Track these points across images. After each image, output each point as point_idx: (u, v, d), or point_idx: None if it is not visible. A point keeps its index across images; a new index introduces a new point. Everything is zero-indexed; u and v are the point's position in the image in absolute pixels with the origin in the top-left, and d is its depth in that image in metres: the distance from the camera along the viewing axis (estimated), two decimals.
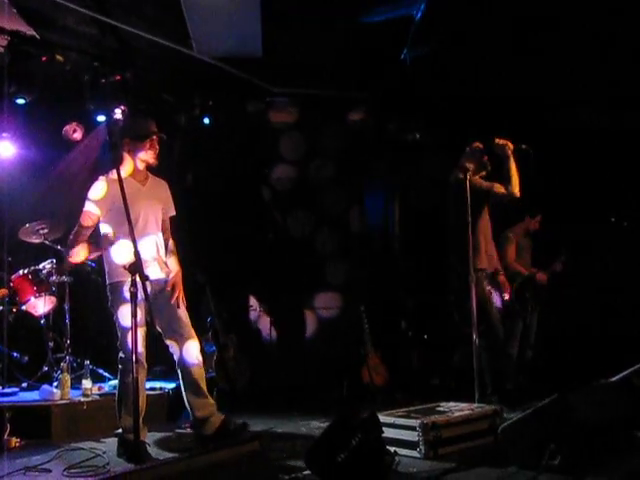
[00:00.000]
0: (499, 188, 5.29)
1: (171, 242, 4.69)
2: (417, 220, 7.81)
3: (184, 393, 4.51)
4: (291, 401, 6.37)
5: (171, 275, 4.56)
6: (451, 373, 6.91)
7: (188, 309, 4.62)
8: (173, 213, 4.75)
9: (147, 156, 4.56)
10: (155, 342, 6.55)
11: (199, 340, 6.64)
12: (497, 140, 5.38)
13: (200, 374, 4.49)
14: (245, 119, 7.74)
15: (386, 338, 7.40)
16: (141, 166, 4.59)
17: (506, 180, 5.29)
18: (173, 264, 4.63)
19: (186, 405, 4.55)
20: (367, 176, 8.30)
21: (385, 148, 8.09)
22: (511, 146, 5.34)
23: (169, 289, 4.49)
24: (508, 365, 6.21)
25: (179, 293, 4.50)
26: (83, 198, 4.53)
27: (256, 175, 8.05)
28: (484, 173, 5.53)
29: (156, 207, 4.59)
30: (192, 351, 4.47)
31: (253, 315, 7.84)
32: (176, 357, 4.50)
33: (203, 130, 7.66)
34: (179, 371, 4.51)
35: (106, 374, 6.20)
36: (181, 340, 4.47)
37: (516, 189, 5.26)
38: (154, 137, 4.57)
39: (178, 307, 4.52)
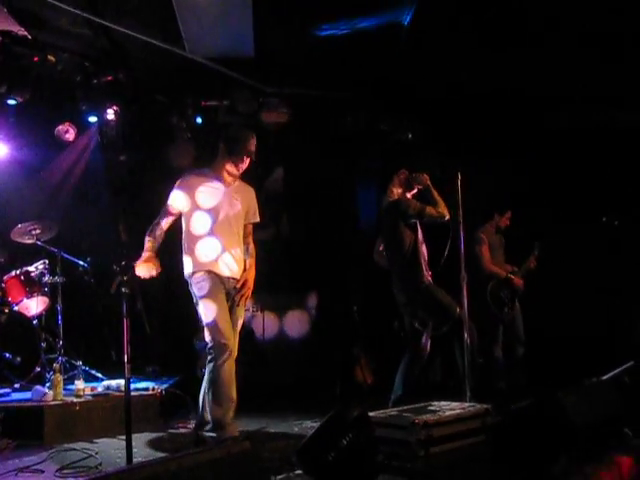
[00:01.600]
0: (430, 210, 5.41)
1: (251, 246, 4.75)
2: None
3: (208, 393, 4.43)
4: (284, 401, 6.37)
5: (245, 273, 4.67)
6: (441, 372, 6.90)
7: (178, 306, 4.69)
8: (257, 220, 4.80)
9: (232, 168, 4.60)
10: (146, 342, 6.60)
11: (194, 338, 6.71)
12: (414, 174, 5.61)
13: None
14: (238, 119, 7.71)
15: (378, 337, 7.40)
16: (229, 169, 4.63)
17: (434, 205, 5.42)
18: (250, 266, 4.71)
19: (205, 405, 4.45)
20: (360, 175, 8.31)
21: (378, 147, 8.08)
22: (427, 177, 5.57)
23: (239, 285, 4.59)
24: (496, 365, 6.25)
25: (247, 292, 4.60)
26: (75, 199, 4.52)
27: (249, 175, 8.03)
28: (415, 191, 5.63)
29: (239, 210, 4.64)
30: (234, 354, 4.49)
31: (246, 315, 7.77)
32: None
33: (195, 130, 7.67)
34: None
35: (99, 375, 6.18)
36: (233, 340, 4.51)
37: (445, 211, 5.38)
38: (247, 155, 4.59)
39: (244, 308, 4.68)
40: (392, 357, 7.42)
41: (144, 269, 4.25)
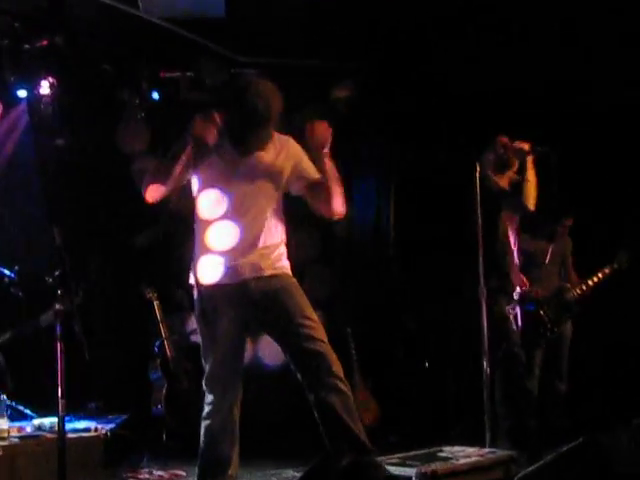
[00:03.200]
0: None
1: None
2: (417, 220, 7.80)
3: None
4: (262, 443, 6.33)
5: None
6: (456, 410, 6.90)
7: (129, 329, 4.58)
8: (315, 176, 4.27)
9: None
10: (88, 372, 6.54)
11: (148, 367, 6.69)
12: (513, 144, 5.46)
13: None
14: (204, 95, 7.69)
15: (378, 366, 7.39)
16: None
17: (520, 191, 5.38)
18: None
19: None
20: (354, 165, 8.29)
21: (377, 131, 8.08)
22: (527, 148, 5.47)
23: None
24: (527, 402, 6.22)
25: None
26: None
27: None
28: (511, 174, 5.59)
29: (265, 185, 4.13)
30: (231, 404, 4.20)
31: None
32: None
33: (151, 108, 7.65)
34: None
35: (28, 411, 6.12)
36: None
37: (531, 203, 5.35)
38: None
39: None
40: (395, 390, 7.47)
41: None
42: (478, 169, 5.19)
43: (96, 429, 5.64)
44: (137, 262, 7.52)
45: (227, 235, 3.98)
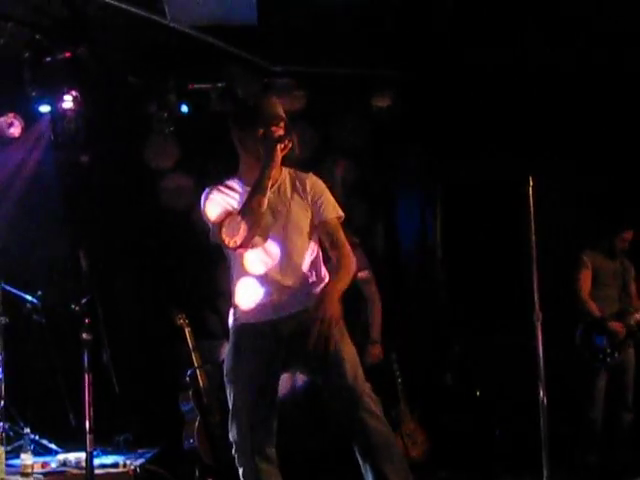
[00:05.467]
0: None
1: (343, 250, 4.15)
2: (466, 237, 7.77)
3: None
4: (299, 478, 6.32)
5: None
6: (511, 442, 6.84)
7: (158, 357, 4.55)
8: (339, 214, 4.21)
9: (258, 159, 4.04)
10: (116, 404, 6.59)
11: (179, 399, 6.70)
12: None
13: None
14: (236, 106, 7.71)
15: (425, 395, 7.34)
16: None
17: None
18: (336, 282, 4.11)
19: None
20: (397, 179, 8.29)
21: (422, 141, 8.06)
22: None
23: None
24: (590, 432, 6.17)
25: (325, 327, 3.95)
26: (20, 213, 4.46)
27: None
28: None
29: (292, 216, 4.14)
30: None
31: None
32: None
33: (180, 121, 7.69)
34: None
35: (52, 446, 6.18)
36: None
37: None
38: (272, 123, 4.04)
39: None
40: (444, 420, 7.41)
41: None
42: (531, 182, 5.16)
43: (125, 464, 5.70)
44: (167, 285, 7.56)
45: (263, 272, 4.05)
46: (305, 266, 4.11)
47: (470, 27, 6.53)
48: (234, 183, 4.16)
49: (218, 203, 4.07)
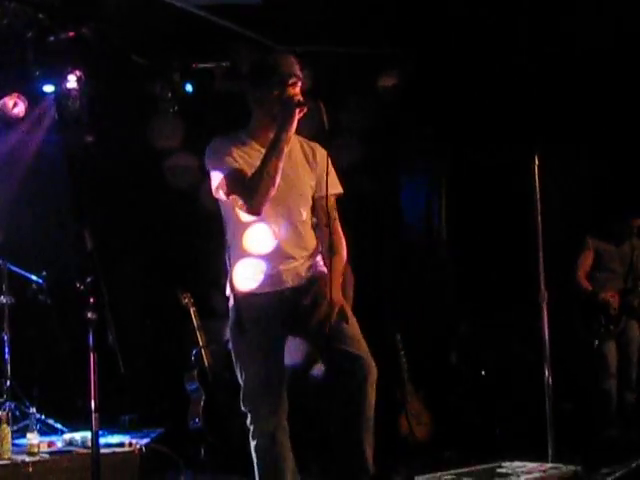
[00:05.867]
0: None
1: (336, 236, 4.09)
2: (471, 218, 7.76)
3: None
4: (304, 460, 6.31)
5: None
6: (516, 421, 6.85)
7: (164, 337, 4.54)
8: (338, 190, 4.18)
9: (272, 119, 3.91)
10: (122, 384, 6.61)
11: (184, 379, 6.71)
12: None
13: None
14: (240, 86, 7.69)
15: (431, 376, 7.35)
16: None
17: None
18: (335, 270, 4.06)
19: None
20: (404, 160, 8.27)
21: (428, 123, 8.04)
22: None
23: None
24: (605, 405, 6.17)
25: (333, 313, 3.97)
26: (25, 193, 4.45)
27: None
28: None
29: (302, 183, 4.07)
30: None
31: None
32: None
33: (185, 101, 7.68)
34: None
35: (58, 426, 6.20)
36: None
37: None
38: (289, 83, 3.92)
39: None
40: (449, 400, 7.42)
41: None
42: (536, 162, 5.15)
43: (130, 444, 5.70)
44: (172, 265, 7.56)
45: (268, 239, 3.96)
46: (307, 236, 4.08)
47: (477, 5, 6.47)
48: (245, 138, 4.01)
49: (229, 156, 3.91)
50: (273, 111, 3.87)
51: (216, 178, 3.91)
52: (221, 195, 3.93)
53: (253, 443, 4.06)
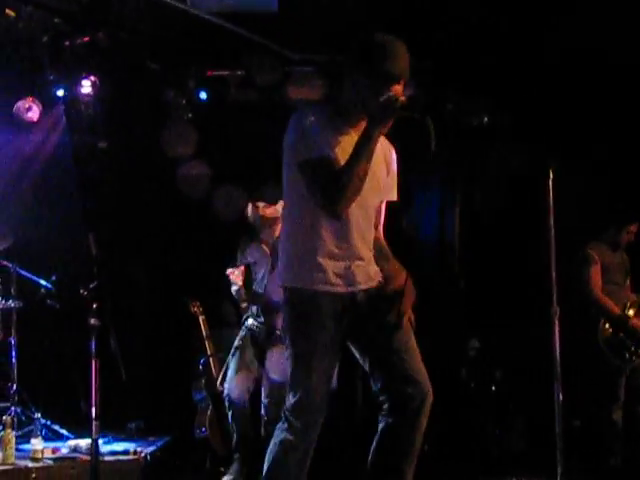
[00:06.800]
0: None
1: (382, 241, 3.98)
2: (484, 230, 7.71)
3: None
4: (310, 471, 6.27)
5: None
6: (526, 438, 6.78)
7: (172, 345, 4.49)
8: (394, 197, 3.98)
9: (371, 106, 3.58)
10: (128, 391, 6.58)
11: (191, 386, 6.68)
12: None
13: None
14: (256, 95, 7.69)
15: (440, 391, 7.28)
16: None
17: None
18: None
19: None
20: (417, 171, 8.21)
21: (442, 134, 7.98)
22: None
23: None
24: (612, 435, 6.07)
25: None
26: (37, 197, 4.41)
27: (270, 171, 7.99)
28: None
29: (379, 180, 3.80)
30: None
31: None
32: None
33: (199, 109, 7.69)
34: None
35: (63, 431, 6.19)
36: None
37: None
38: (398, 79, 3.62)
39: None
40: (459, 416, 7.36)
41: None
42: (551, 176, 5.09)
43: (135, 452, 5.69)
44: (181, 272, 7.51)
45: (344, 237, 3.66)
46: (372, 237, 3.83)
47: (494, 20, 6.45)
48: (335, 117, 3.64)
49: (323, 136, 3.54)
50: (371, 105, 3.51)
51: (301, 156, 3.52)
52: (297, 177, 3.56)
53: (276, 451, 3.65)
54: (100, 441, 3.98)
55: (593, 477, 5.29)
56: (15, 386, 6.10)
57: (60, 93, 7.18)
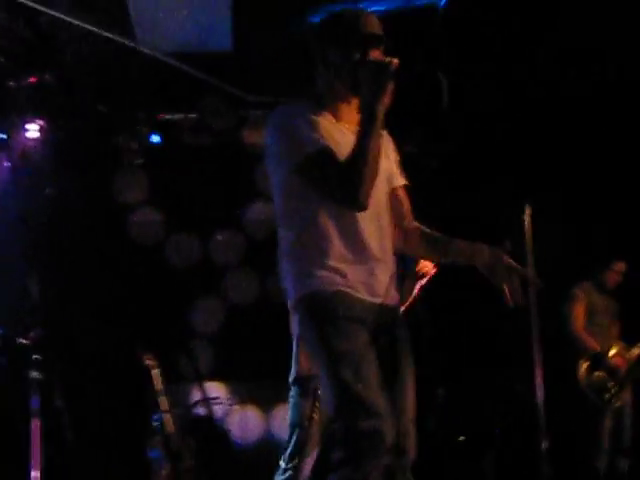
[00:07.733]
0: None
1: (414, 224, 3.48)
2: (454, 272, 7.54)
3: None
4: None
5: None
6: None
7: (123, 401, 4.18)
8: (404, 181, 3.47)
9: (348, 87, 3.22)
10: (75, 451, 6.24)
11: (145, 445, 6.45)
12: None
13: None
14: (209, 139, 7.63)
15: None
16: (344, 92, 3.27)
17: None
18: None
19: None
20: None
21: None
22: None
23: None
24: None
25: None
26: None
27: (225, 217, 7.91)
28: None
29: (382, 171, 3.25)
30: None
31: (219, 410, 7.55)
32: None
33: (151, 153, 7.56)
34: None
35: None
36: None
37: None
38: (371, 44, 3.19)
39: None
40: (428, 467, 7.13)
41: None
42: (527, 212, 4.97)
43: None
44: (133, 323, 7.30)
45: (357, 238, 3.17)
46: (391, 244, 3.33)
47: (466, 50, 6.39)
48: (318, 110, 3.21)
49: (314, 130, 3.10)
50: (355, 78, 3.09)
51: (292, 157, 3.10)
52: (294, 182, 3.14)
53: (345, 471, 2.99)
54: None
55: None
56: None
57: (5, 137, 7.05)
